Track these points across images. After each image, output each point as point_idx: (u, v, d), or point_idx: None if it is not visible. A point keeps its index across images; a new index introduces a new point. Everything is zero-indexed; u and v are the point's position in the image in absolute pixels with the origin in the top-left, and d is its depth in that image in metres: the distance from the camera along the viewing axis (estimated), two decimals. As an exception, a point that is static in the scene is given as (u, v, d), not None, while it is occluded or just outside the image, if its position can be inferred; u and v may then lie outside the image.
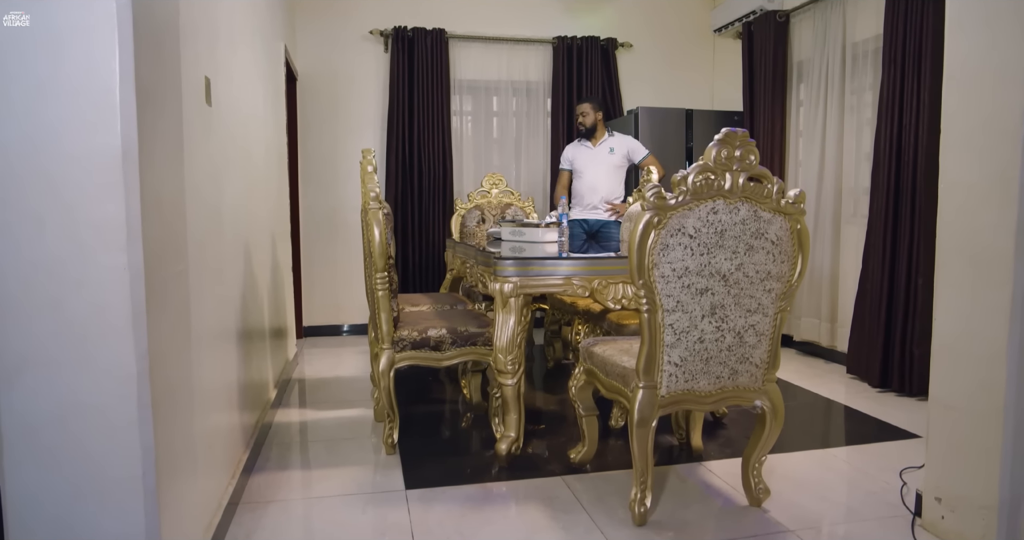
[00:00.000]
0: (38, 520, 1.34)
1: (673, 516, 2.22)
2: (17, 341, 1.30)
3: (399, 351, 2.72)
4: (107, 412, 1.34)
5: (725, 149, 1.99)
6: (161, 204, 1.48)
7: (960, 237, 2.00)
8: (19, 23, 1.27)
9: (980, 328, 1.93)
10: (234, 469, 2.34)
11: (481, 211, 4.54)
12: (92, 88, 1.29)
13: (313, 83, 5.12)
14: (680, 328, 2.05)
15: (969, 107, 1.98)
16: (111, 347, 1.33)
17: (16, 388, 1.31)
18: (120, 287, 1.32)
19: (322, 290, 5.26)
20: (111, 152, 1.30)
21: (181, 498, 1.60)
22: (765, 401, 2.21)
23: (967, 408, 1.98)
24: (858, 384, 3.85)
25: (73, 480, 1.35)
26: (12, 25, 1.26)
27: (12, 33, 1.27)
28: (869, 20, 4.03)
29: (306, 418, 3.31)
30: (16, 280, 1.29)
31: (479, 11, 5.28)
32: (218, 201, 2.18)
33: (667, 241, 1.98)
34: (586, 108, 4.39)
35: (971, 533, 1.95)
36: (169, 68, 1.59)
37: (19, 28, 1.27)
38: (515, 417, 2.63)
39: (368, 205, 2.65)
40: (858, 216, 4.20)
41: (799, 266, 2.13)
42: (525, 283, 2.55)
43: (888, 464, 2.63)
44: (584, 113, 4.40)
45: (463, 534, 2.10)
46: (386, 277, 2.66)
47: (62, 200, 1.30)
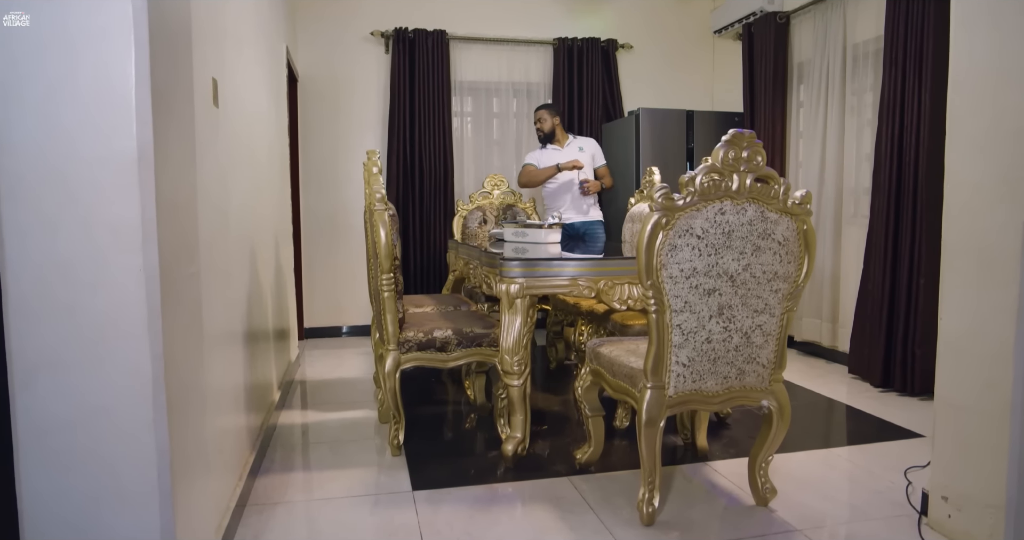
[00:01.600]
0: (53, 523, 1.34)
1: (680, 516, 2.22)
2: (32, 343, 1.30)
3: (405, 352, 2.72)
4: (122, 415, 1.34)
5: (732, 150, 2.00)
6: (175, 206, 1.48)
7: (966, 236, 2.01)
8: (19, 23, 1.26)
9: (987, 327, 1.94)
10: (241, 471, 2.34)
11: (483, 212, 4.54)
12: (108, 90, 1.29)
13: (314, 84, 5.12)
14: (688, 328, 2.05)
15: (975, 108, 1.99)
16: (126, 349, 1.33)
17: (31, 390, 1.31)
18: (136, 289, 1.32)
19: (322, 291, 5.26)
20: (127, 154, 1.30)
21: (194, 500, 1.60)
22: (772, 401, 2.22)
23: (974, 407, 1.99)
24: (860, 384, 3.86)
25: (88, 483, 1.35)
26: (12, 25, 1.26)
27: (24, 34, 1.27)
28: (869, 21, 4.05)
29: (310, 420, 3.31)
30: (32, 282, 1.29)
31: (480, 12, 5.29)
32: (225, 203, 2.19)
33: (675, 242, 1.99)
34: (543, 114, 4.49)
35: (978, 532, 1.96)
36: (182, 70, 1.59)
37: (30, 29, 1.27)
38: (521, 418, 2.63)
39: (374, 206, 2.65)
40: (859, 216, 4.22)
41: (806, 266, 2.14)
42: (531, 284, 2.55)
43: (892, 463, 2.64)
44: (541, 119, 4.49)
45: (472, 535, 2.10)
46: (392, 278, 2.66)
47: (78, 202, 1.30)
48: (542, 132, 4.49)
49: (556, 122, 4.48)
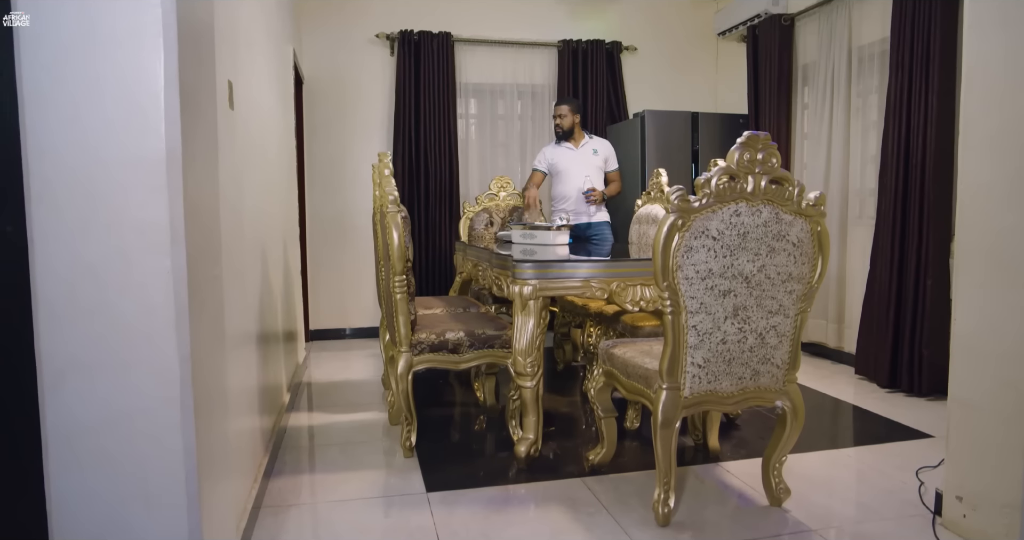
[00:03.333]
0: (82, 524, 1.34)
1: (695, 516, 2.23)
2: (62, 345, 1.31)
3: (417, 354, 2.72)
4: (151, 416, 1.34)
5: (748, 152, 2.01)
6: (200, 208, 1.48)
7: (980, 237, 2.02)
8: (19, 23, 1.27)
9: (1001, 327, 1.95)
10: (256, 473, 2.34)
11: (489, 214, 4.54)
12: (137, 93, 1.30)
13: (320, 87, 5.12)
14: (703, 329, 2.06)
15: (988, 109, 2.00)
16: (155, 351, 1.33)
17: (61, 392, 1.31)
18: (164, 291, 1.32)
19: (328, 293, 5.26)
20: (156, 156, 1.30)
21: (217, 502, 1.60)
22: (786, 402, 2.23)
23: (988, 406, 2.00)
24: (867, 385, 3.88)
25: (116, 485, 1.35)
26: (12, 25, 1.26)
27: (55, 36, 1.28)
28: (875, 23, 4.06)
29: (320, 422, 3.31)
30: (62, 284, 1.30)
31: (485, 15, 5.30)
32: (240, 205, 2.19)
33: (691, 243, 2.00)
34: (564, 110, 4.36)
35: (994, 531, 1.97)
36: (205, 72, 1.60)
37: (60, 31, 1.27)
38: (534, 419, 2.64)
39: (387, 208, 2.66)
40: (864, 218, 4.23)
41: (819, 267, 2.15)
42: (544, 285, 2.56)
43: (903, 463, 2.65)
44: (562, 115, 4.37)
45: (489, 536, 2.10)
46: (405, 280, 2.67)
47: (106, 205, 1.30)
48: (561, 129, 4.39)
49: (576, 120, 4.39)
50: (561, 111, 4.38)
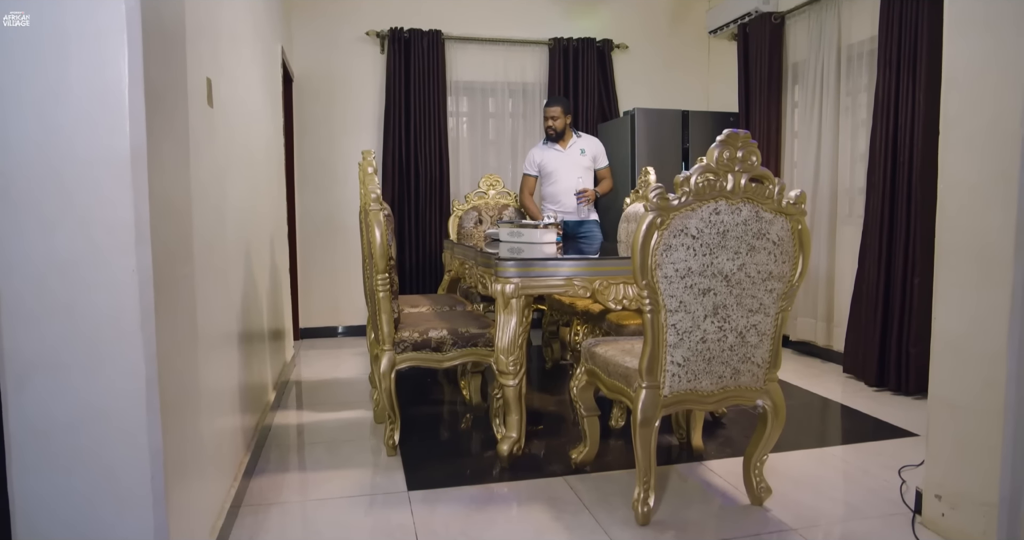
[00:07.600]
0: (51, 524, 1.34)
1: (676, 515, 2.23)
2: (28, 344, 1.30)
3: (400, 352, 2.72)
4: (117, 416, 1.33)
5: (727, 150, 2.00)
6: (169, 207, 1.47)
7: (962, 237, 2.02)
8: (19, 23, 1.26)
9: (983, 326, 1.95)
10: (236, 472, 2.33)
11: (478, 212, 4.54)
12: (103, 90, 1.29)
13: (309, 84, 5.11)
14: (683, 328, 2.06)
15: (969, 108, 2.00)
16: (122, 350, 1.32)
17: (26, 392, 1.30)
18: (131, 290, 1.31)
19: (319, 291, 5.25)
20: (121, 154, 1.30)
21: (188, 501, 1.60)
22: (767, 400, 2.22)
23: (968, 406, 1.99)
24: (855, 383, 3.88)
25: (82, 484, 1.34)
26: (12, 25, 1.26)
27: (20, 34, 1.27)
28: (864, 22, 4.06)
29: (305, 420, 3.31)
30: (28, 283, 1.29)
31: (475, 12, 5.29)
32: (222, 203, 2.18)
33: (670, 242, 1.99)
34: (557, 112, 4.33)
35: (972, 530, 1.97)
36: (176, 70, 1.59)
37: (27, 29, 1.26)
38: (516, 418, 2.63)
39: (369, 206, 2.65)
40: (853, 216, 4.23)
41: (800, 266, 2.14)
42: (527, 284, 2.55)
43: (886, 462, 2.65)
44: (555, 117, 4.33)
45: (468, 535, 2.10)
46: (387, 279, 2.66)
47: (75, 202, 1.29)
48: (554, 131, 4.36)
49: (568, 120, 4.37)
50: (554, 112, 4.35)
